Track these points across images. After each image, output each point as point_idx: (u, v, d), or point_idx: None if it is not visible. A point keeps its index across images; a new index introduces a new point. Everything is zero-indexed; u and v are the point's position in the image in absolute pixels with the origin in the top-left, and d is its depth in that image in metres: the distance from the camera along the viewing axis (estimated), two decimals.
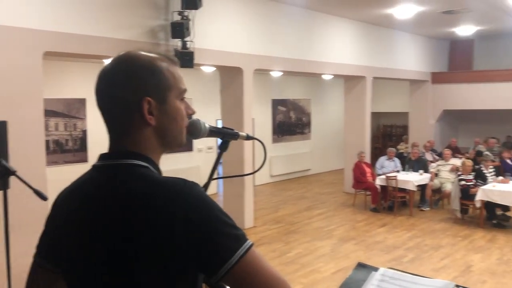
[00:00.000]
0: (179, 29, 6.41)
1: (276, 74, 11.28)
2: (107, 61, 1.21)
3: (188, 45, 6.58)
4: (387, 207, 9.65)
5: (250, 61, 8.10)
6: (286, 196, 11.21)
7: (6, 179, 3.32)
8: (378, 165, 10.40)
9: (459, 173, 8.86)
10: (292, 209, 9.88)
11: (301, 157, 13.93)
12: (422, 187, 9.63)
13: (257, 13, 8.25)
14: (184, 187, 1.09)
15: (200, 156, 11.14)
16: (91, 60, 7.64)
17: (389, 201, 9.62)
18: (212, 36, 7.34)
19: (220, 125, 1.66)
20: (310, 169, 14.25)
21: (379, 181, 9.50)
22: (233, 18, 7.80)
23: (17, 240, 3.83)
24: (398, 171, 9.95)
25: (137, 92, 1.14)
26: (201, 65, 7.91)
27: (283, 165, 13.25)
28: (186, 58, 6.44)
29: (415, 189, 9.30)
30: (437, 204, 9.94)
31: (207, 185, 1.46)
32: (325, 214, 9.41)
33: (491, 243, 7.41)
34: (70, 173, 1.93)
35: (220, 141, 1.55)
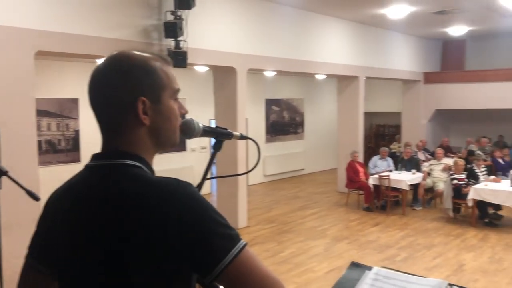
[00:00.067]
0: (172, 29, 6.40)
1: (270, 74, 11.28)
2: (100, 61, 1.20)
3: (181, 45, 6.57)
4: (380, 207, 9.68)
5: (244, 61, 8.09)
6: (279, 196, 11.22)
7: None
8: (371, 164, 10.44)
9: (451, 172, 8.91)
10: (285, 208, 9.89)
11: (295, 156, 13.95)
12: (414, 187, 9.68)
13: (250, 13, 8.25)
14: (177, 187, 1.08)
15: (194, 156, 11.12)
16: (83, 59, 7.60)
17: (382, 201, 9.66)
18: (205, 36, 7.33)
19: (213, 125, 1.66)
20: (303, 169, 14.27)
21: (372, 181, 9.53)
22: (226, 17, 7.80)
23: (9, 241, 3.81)
24: (391, 171, 9.99)
25: (132, 92, 1.13)
26: (195, 65, 7.90)
27: (276, 165, 13.26)
28: (179, 58, 6.43)
29: (407, 189, 9.34)
30: (430, 203, 9.99)
31: (200, 185, 1.46)
32: (318, 214, 9.43)
33: (483, 242, 7.46)
34: (63, 173, 1.92)
35: (213, 140, 1.54)
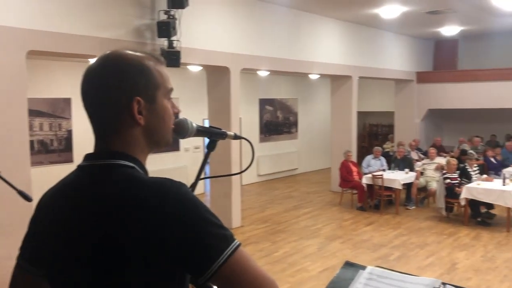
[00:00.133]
0: (166, 28, 6.39)
1: (263, 73, 11.28)
2: (93, 60, 1.19)
3: (175, 44, 6.55)
4: (373, 206, 9.72)
5: (237, 61, 8.09)
6: (273, 196, 11.23)
7: None
8: (364, 164, 10.47)
9: (444, 171, 8.96)
10: (279, 208, 9.89)
11: (288, 156, 13.96)
12: (407, 186, 9.72)
13: (244, 13, 8.25)
14: (170, 187, 1.08)
15: (187, 156, 11.10)
16: (76, 59, 7.56)
17: (376, 200, 9.69)
18: (198, 36, 7.32)
19: (207, 125, 1.65)
20: (297, 169, 14.29)
21: (365, 180, 9.56)
22: (220, 17, 7.79)
23: (1, 242, 3.78)
24: (384, 170, 10.02)
25: (127, 92, 1.13)
26: (188, 65, 7.88)
27: (270, 165, 13.26)
28: (172, 58, 6.41)
29: (401, 188, 9.37)
30: (423, 203, 10.04)
31: (194, 185, 1.45)
32: (312, 213, 9.44)
33: (475, 241, 7.51)
34: (55, 174, 1.91)
35: (207, 140, 1.54)
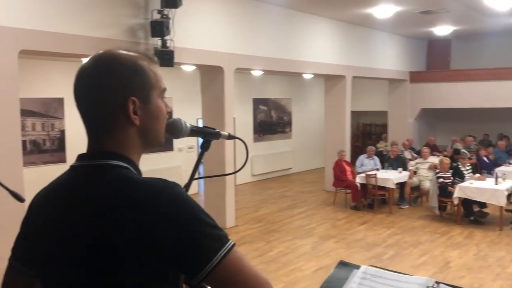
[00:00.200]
0: (159, 28, 6.37)
1: (257, 73, 11.28)
2: (86, 60, 1.18)
3: (168, 44, 6.54)
4: (367, 205, 9.75)
5: (231, 60, 8.08)
6: (267, 195, 11.23)
7: None
8: (358, 163, 10.50)
9: (437, 171, 9.00)
10: (273, 208, 9.90)
11: (282, 156, 13.97)
12: (401, 185, 9.75)
13: (238, 12, 8.24)
14: (164, 187, 1.08)
15: (181, 156, 11.08)
16: (69, 58, 7.52)
17: (369, 199, 9.73)
18: (192, 35, 7.30)
19: (201, 124, 1.65)
20: (291, 168, 14.30)
21: (359, 179, 9.58)
22: (213, 16, 7.77)
23: None
24: (377, 169, 10.06)
25: (122, 92, 1.12)
26: (182, 64, 7.87)
27: (264, 164, 13.27)
28: (166, 57, 6.40)
29: (394, 187, 9.41)
30: (416, 202, 10.08)
31: (188, 185, 1.45)
32: (306, 213, 9.45)
33: (468, 239, 7.55)
34: (48, 174, 1.89)
35: (201, 140, 1.53)
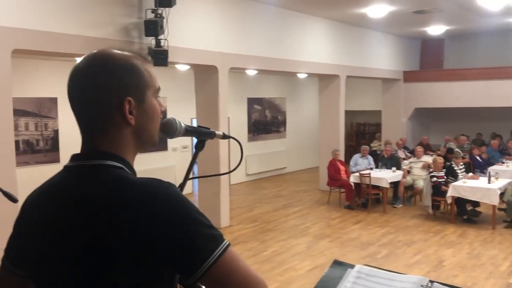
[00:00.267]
0: (153, 27, 6.35)
1: (251, 72, 11.28)
2: (79, 60, 1.18)
3: (162, 43, 6.52)
4: (361, 204, 9.77)
5: (225, 60, 8.07)
6: (261, 195, 11.24)
7: None
8: (352, 162, 10.53)
9: (431, 170, 9.04)
10: (267, 207, 9.90)
11: (277, 155, 13.98)
12: (395, 184, 9.78)
13: (232, 12, 8.23)
14: (159, 187, 1.07)
15: (175, 156, 11.05)
16: (62, 58, 7.48)
17: (363, 198, 9.75)
18: (186, 34, 7.29)
19: (195, 124, 1.65)
20: (285, 168, 14.31)
21: (353, 179, 9.61)
22: (208, 16, 7.76)
23: None
24: (371, 169, 10.08)
25: (117, 92, 1.11)
26: (176, 64, 7.85)
27: (258, 164, 13.27)
28: (160, 57, 6.38)
29: (388, 186, 9.44)
30: (410, 201, 10.12)
31: (183, 185, 1.44)
32: (300, 212, 9.47)
33: (461, 238, 7.59)
34: (42, 174, 1.88)
35: (195, 140, 1.53)
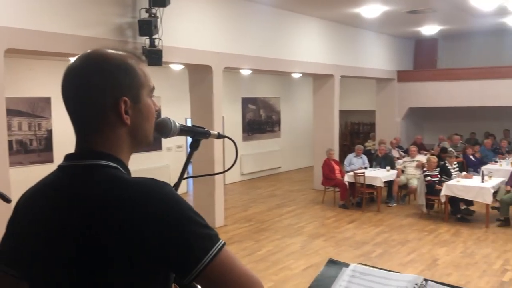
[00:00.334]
0: (147, 27, 6.33)
1: (246, 72, 11.28)
2: (73, 59, 1.17)
3: (156, 43, 6.50)
4: (355, 204, 9.80)
5: (220, 59, 8.06)
6: (256, 194, 11.24)
7: None
8: (346, 162, 10.55)
9: (425, 169, 9.08)
10: (262, 207, 9.91)
11: (271, 155, 13.99)
12: (389, 183, 9.82)
13: (226, 11, 8.23)
14: (154, 187, 1.07)
15: (169, 155, 11.04)
16: (56, 57, 7.44)
17: (358, 198, 9.78)
18: (180, 34, 7.27)
19: (189, 124, 1.65)
20: (280, 167, 14.32)
21: (347, 178, 9.63)
22: (202, 15, 7.75)
23: None
24: (365, 168, 10.11)
25: (113, 92, 1.11)
26: (170, 63, 7.83)
27: (253, 163, 13.27)
28: (154, 56, 6.37)
29: (382, 185, 9.47)
30: (404, 200, 10.16)
31: (177, 185, 1.44)
32: (295, 212, 9.48)
33: (455, 237, 7.63)
34: (35, 174, 1.87)
35: (190, 139, 1.53)
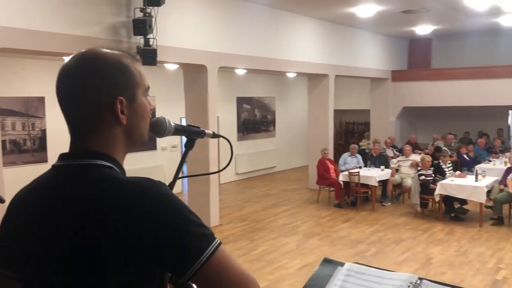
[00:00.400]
0: (141, 26, 6.32)
1: (241, 72, 11.27)
2: (68, 59, 1.17)
3: (151, 42, 6.49)
4: (350, 203, 9.82)
5: (214, 59, 8.06)
6: (251, 194, 11.24)
7: None
8: (341, 161, 10.58)
9: (419, 168, 9.12)
10: (257, 206, 9.91)
11: (266, 154, 13.99)
12: (383, 183, 9.85)
13: (221, 10, 8.22)
14: (149, 186, 1.07)
15: (164, 155, 11.02)
16: (50, 57, 7.41)
17: (352, 197, 9.80)
18: (175, 33, 7.26)
19: (184, 123, 1.64)
20: (275, 167, 14.33)
21: (342, 177, 9.65)
22: (197, 15, 7.74)
23: None
24: (360, 167, 10.14)
25: (109, 91, 1.11)
26: (164, 63, 7.82)
27: (248, 163, 13.27)
28: (149, 56, 6.35)
29: (377, 185, 9.49)
30: (398, 199, 10.20)
31: (172, 184, 1.44)
32: (290, 211, 9.49)
33: (449, 236, 7.66)
34: (29, 174, 1.86)
35: (185, 139, 1.53)
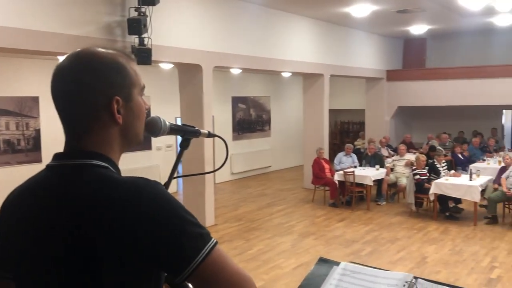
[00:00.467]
0: (136, 26, 6.30)
1: (236, 71, 11.27)
2: (62, 58, 1.16)
3: (146, 42, 6.47)
4: (345, 202, 9.84)
5: (210, 58, 8.05)
6: (246, 194, 11.24)
7: None
8: (336, 161, 10.60)
9: (414, 167, 9.15)
10: (252, 206, 9.91)
11: (262, 154, 14.00)
12: (378, 182, 9.88)
13: (216, 10, 8.21)
14: (145, 186, 1.07)
15: (159, 155, 11.00)
16: (44, 56, 7.37)
17: (347, 196, 9.82)
18: (170, 33, 7.25)
19: (179, 123, 1.64)
20: (270, 166, 14.34)
21: (337, 177, 9.66)
22: (191, 14, 7.73)
23: None
24: (355, 167, 10.16)
25: (104, 91, 1.10)
26: (159, 62, 7.80)
27: (243, 163, 13.27)
28: (143, 55, 6.34)
29: (372, 184, 9.52)
30: (393, 198, 10.23)
31: (168, 184, 1.44)
32: (285, 211, 9.49)
33: (444, 235, 7.70)
34: (23, 174, 1.85)
35: (180, 139, 1.52)
